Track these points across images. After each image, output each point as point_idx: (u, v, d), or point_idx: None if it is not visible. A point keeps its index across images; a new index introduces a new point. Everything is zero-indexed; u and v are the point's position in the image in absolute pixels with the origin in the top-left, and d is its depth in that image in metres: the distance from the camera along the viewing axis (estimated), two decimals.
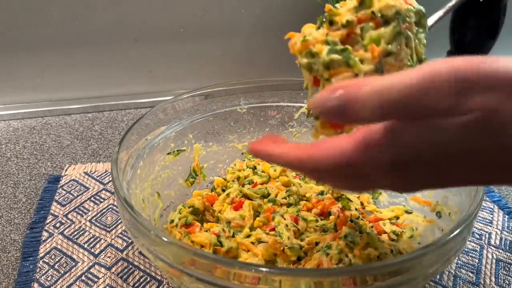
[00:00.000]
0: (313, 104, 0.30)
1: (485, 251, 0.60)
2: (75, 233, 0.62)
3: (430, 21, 0.43)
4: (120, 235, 0.62)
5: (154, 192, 0.59)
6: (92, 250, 0.60)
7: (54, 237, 0.61)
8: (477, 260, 0.59)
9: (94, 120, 0.88)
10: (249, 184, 0.62)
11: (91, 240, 0.61)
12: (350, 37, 0.36)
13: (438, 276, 0.56)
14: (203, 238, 0.52)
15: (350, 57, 0.35)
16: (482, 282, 0.56)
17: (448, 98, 0.26)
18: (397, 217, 0.59)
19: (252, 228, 0.54)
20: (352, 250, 0.49)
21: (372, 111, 0.27)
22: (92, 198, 0.68)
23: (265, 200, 0.59)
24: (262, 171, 0.65)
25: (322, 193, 0.60)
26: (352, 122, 0.30)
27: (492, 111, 0.25)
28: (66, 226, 0.63)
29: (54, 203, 0.67)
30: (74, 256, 0.59)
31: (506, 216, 0.66)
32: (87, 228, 0.63)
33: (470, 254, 0.59)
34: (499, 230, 0.64)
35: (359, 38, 0.36)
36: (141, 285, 0.55)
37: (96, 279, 0.56)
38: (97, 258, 0.58)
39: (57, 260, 0.58)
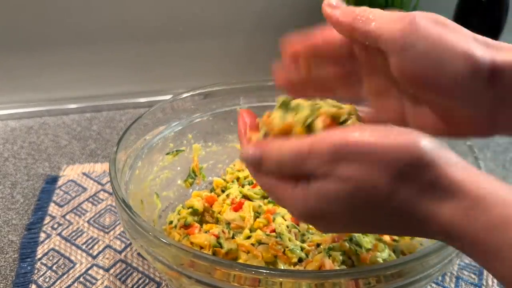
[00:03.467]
0: (241, 154, 0.37)
1: None
2: (73, 234, 0.62)
3: None
4: (118, 236, 0.61)
5: (152, 193, 0.59)
6: (90, 252, 0.59)
7: (52, 238, 0.61)
8: None
9: (92, 120, 0.87)
10: (249, 184, 0.62)
11: (89, 241, 0.61)
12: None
13: (440, 278, 0.56)
14: (202, 240, 0.51)
15: None
16: (485, 284, 0.55)
17: (324, 165, 0.31)
18: None
19: (252, 229, 0.54)
20: (357, 252, 0.49)
21: (276, 167, 0.34)
22: (90, 199, 0.67)
23: (265, 201, 0.59)
24: None
25: None
26: (268, 172, 0.35)
27: (360, 182, 0.30)
28: (64, 227, 0.63)
29: (52, 204, 0.66)
30: (72, 258, 0.58)
31: None
32: (85, 229, 0.62)
33: None
34: None
35: None
36: (140, 287, 0.55)
37: (94, 281, 0.55)
38: (95, 260, 0.58)
39: (55, 261, 0.58)
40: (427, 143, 0.30)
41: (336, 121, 0.36)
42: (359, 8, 0.35)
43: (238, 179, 0.64)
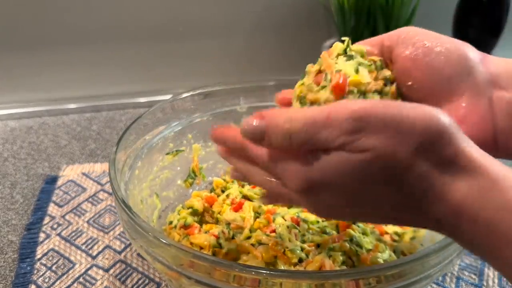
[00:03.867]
0: (242, 126, 0.33)
1: None
2: (73, 234, 0.62)
3: None
4: (118, 236, 0.61)
5: (152, 193, 0.59)
6: (90, 252, 0.59)
7: (51, 239, 0.61)
8: (480, 262, 0.58)
9: (92, 119, 0.87)
10: (248, 184, 0.62)
11: (89, 241, 0.61)
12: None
13: (440, 278, 0.56)
14: (202, 240, 0.51)
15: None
16: (485, 284, 0.55)
17: (343, 135, 0.29)
18: None
19: (252, 230, 0.54)
20: (357, 253, 0.49)
21: (283, 137, 0.31)
22: (89, 199, 0.67)
23: None
24: None
25: None
26: (272, 146, 0.33)
27: (380, 153, 0.29)
28: (64, 227, 0.63)
29: (52, 204, 0.66)
30: (72, 258, 0.58)
31: None
32: (84, 230, 0.62)
33: (473, 256, 0.59)
34: None
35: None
36: (140, 287, 0.54)
37: (94, 281, 0.55)
38: (95, 260, 0.58)
39: (54, 261, 0.58)
40: (447, 119, 0.30)
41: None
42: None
43: None
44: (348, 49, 0.38)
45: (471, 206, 0.29)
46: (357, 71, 0.36)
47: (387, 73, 0.38)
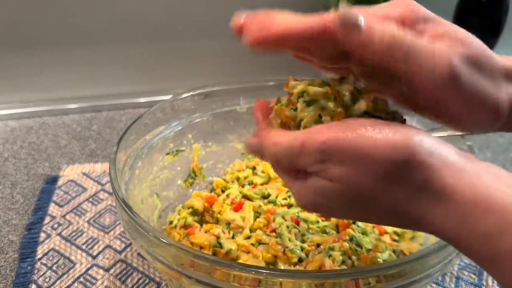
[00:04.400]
0: (245, 143, 0.37)
1: None
2: (73, 234, 0.62)
3: None
4: (118, 236, 0.61)
5: (152, 193, 0.59)
6: (90, 252, 0.59)
7: (52, 238, 0.61)
8: None
9: (92, 119, 0.87)
10: (249, 184, 0.62)
11: (89, 241, 0.61)
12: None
13: (440, 278, 0.56)
14: (202, 240, 0.51)
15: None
16: (485, 284, 0.55)
17: (315, 163, 0.31)
18: None
19: (252, 230, 0.54)
20: (357, 252, 0.49)
21: (272, 158, 0.35)
22: (90, 199, 0.67)
23: (265, 201, 0.59)
24: (262, 172, 0.64)
25: None
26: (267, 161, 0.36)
27: (349, 183, 0.30)
28: (64, 227, 0.63)
29: (52, 204, 0.66)
30: (72, 258, 0.58)
31: None
32: (85, 229, 0.62)
33: None
34: None
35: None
36: (140, 287, 0.54)
37: (94, 281, 0.55)
38: (95, 260, 0.58)
39: (55, 261, 0.58)
40: (421, 142, 0.29)
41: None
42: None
43: (238, 179, 0.64)
44: (305, 94, 0.36)
45: (451, 233, 0.29)
46: (318, 121, 0.35)
47: (362, 106, 0.34)
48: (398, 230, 0.55)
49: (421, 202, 0.29)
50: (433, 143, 0.29)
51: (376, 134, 0.29)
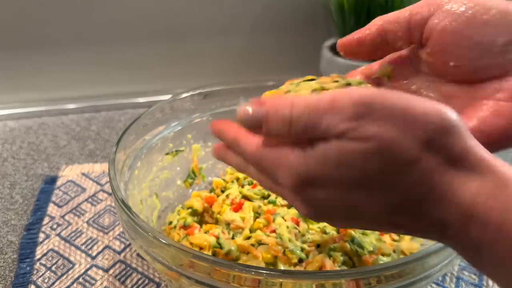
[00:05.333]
0: (238, 113, 0.31)
1: None
2: (72, 234, 0.61)
3: None
4: (117, 236, 0.61)
5: (152, 193, 0.59)
6: (90, 252, 0.59)
7: (51, 239, 0.61)
8: None
9: (91, 120, 0.87)
10: (248, 185, 0.62)
11: (89, 242, 0.60)
12: None
13: (440, 278, 0.56)
14: (202, 240, 0.51)
15: None
16: (485, 284, 0.55)
17: (345, 122, 0.27)
18: None
19: (252, 230, 0.54)
20: (358, 253, 0.49)
21: (283, 123, 0.29)
22: (89, 199, 0.67)
23: (265, 201, 0.59)
24: None
25: None
26: (270, 134, 0.30)
27: (385, 142, 0.26)
28: (63, 227, 0.62)
29: (51, 204, 0.66)
30: (72, 258, 0.58)
31: None
32: (84, 230, 0.62)
33: None
34: None
35: None
36: None
37: (93, 281, 0.55)
38: (94, 260, 0.58)
39: (54, 262, 0.58)
40: (457, 116, 0.27)
41: None
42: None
43: (237, 179, 0.63)
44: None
45: (482, 207, 0.27)
46: None
47: None
48: None
49: (456, 172, 0.27)
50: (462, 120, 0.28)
51: (415, 99, 0.27)
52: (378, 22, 0.36)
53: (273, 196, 0.59)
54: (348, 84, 0.34)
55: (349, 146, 0.27)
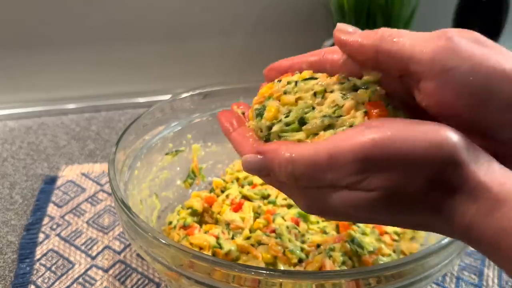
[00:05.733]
0: (242, 163, 0.33)
1: None
2: (72, 234, 0.61)
3: None
4: (117, 237, 0.61)
5: (152, 193, 0.59)
6: (89, 252, 0.59)
7: (50, 239, 0.61)
8: (479, 262, 0.58)
9: (91, 120, 0.87)
10: (248, 185, 0.62)
11: (88, 242, 0.60)
12: None
13: (440, 278, 0.56)
14: (202, 240, 0.51)
15: None
16: (485, 284, 0.55)
17: (348, 177, 0.29)
18: None
19: (252, 230, 0.54)
20: (358, 253, 0.49)
21: (286, 177, 0.31)
22: (89, 200, 0.67)
23: (265, 201, 0.59)
24: None
25: None
26: (274, 182, 0.33)
27: (390, 191, 0.28)
28: (63, 227, 0.62)
29: (51, 204, 0.66)
30: (71, 258, 0.58)
31: None
32: (84, 230, 0.62)
33: (473, 256, 0.59)
34: None
35: None
36: None
37: (93, 281, 0.55)
38: (94, 260, 0.58)
39: (54, 262, 0.57)
40: (458, 140, 0.28)
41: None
42: (382, 29, 0.31)
43: (237, 179, 0.63)
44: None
45: (477, 228, 0.28)
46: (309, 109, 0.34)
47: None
48: (398, 230, 0.55)
49: (457, 200, 0.29)
50: (466, 140, 0.29)
51: (420, 134, 0.28)
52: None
53: (273, 196, 0.59)
54: (355, 86, 0.34)
55: (358, 195, 0.29)
